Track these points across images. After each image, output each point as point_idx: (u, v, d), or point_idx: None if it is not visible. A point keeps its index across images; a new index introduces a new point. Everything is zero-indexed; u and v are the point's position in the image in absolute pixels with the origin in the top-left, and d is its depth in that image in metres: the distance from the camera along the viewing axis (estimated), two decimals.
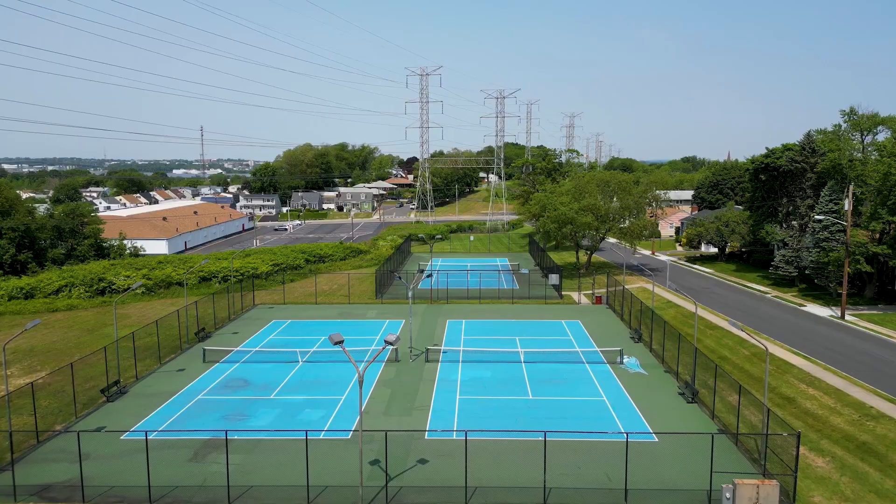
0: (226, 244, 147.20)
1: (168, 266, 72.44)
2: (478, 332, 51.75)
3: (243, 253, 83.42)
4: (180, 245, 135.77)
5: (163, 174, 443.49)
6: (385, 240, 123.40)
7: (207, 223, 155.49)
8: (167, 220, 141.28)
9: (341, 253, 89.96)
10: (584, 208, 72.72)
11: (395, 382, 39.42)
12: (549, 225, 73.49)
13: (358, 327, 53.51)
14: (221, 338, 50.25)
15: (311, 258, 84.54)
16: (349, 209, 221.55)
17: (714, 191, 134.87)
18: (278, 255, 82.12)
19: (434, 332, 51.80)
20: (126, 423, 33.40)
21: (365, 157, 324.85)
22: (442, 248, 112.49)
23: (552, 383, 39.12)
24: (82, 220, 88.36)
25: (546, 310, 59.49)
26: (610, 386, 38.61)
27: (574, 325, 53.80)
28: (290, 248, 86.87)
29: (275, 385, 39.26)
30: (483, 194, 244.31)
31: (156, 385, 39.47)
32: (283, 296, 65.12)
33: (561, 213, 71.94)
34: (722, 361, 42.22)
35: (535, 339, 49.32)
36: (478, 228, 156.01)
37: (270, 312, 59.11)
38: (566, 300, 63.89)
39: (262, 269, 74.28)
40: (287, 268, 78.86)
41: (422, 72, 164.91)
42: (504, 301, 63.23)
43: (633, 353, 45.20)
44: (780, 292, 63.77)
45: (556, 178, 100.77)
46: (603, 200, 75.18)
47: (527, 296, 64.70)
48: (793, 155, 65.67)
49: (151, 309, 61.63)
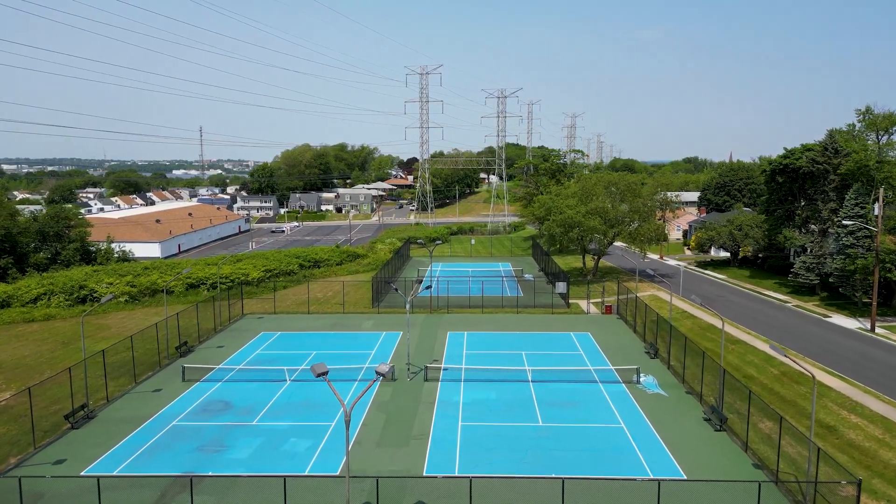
0: (221, 247, 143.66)
1: (154, 272, 68.82)
2: (481, 345, 48.14)
3: (234, 258, 79.84)
4: (174, 248, 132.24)
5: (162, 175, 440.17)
6: (384, 242, 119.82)
7: (202, 225, 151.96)
8: (161, 223, 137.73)
9: (337, 257, 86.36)
10: (592, 211, 69.14)
11: (391, 405, 35.84)
12: (555, 229, 69.89)
13: (352, 340, 49.90)
14: (205, 352, 46.63)
15: (306, 263, 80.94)
16: (348, 210, 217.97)
17: (721, 192, 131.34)
18: (271, 259, 78.52)
19: (434, 345, 48.21)
20: (89, 455, 29.83)
21: (364, 158, 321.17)
22: (442, 252, 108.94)
23: (564, 406, 35.53)
24: (67, 223, 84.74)
25: (553, 320, 55.88)
26: (628, 410, 35.01)
27: (584, 337, 50.20)
28: (284, 253, 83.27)
29: (259, 408, 35.66)
30: (484, 195, 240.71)
31: (128, 408, 35.88)
32: (274, 304, 61.52)
33: (567, 217, 68.34)
34: (748, 381, 38.62)
35: (543, 354, 45.71)
36: (479, 230, 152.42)
37: (259, 323, 55.50)
38: (574, 309, 60.30)
39: (253, 275, 70.68)
40: (280, 273, 75.24)
41: (422, 70, 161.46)
42: (508, 310, 59.63)
43: (650, 370, 41.61)
44: (801, 301, 60.17)
45: (560, 179, 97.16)
46: (611, 203, 71.58)
47: (532, 304, 61.09)
48: (814, 155, 62.01)
49: (133, 319, 58.04)
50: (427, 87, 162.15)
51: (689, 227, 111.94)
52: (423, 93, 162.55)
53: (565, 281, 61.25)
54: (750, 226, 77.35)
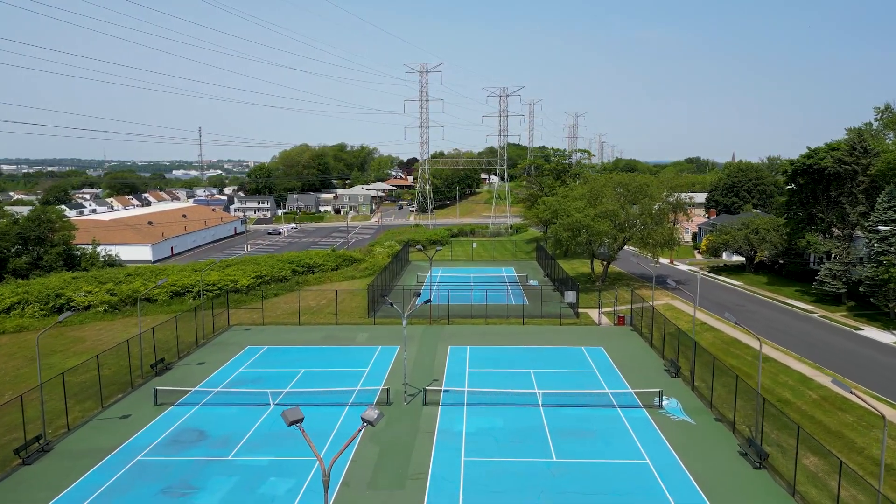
0: (216, 249, 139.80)
1: (137, 279, 64.82)
2: (484, 362, 44.19)
3: (223, 263, 75.81)
4: (166, 251, 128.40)
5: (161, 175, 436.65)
6: (382, 245, 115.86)
7: (197, 227, 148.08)
8: (153, 225, 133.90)
9: (333, 262, 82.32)
10: (601, 215, 65.17)
11: (385, 435, 31.92)
12: (562, 233, 65.91)
13: (344, 356, 45.94)
14: (183, 370, 42.68)
15: (300, 268, 76.92)
16: (346, 212, 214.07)
17: (730, 193, 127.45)
18: (262, 265, 74.47)
19: (433, 362, 44.26)
20: (38, 498, 25.97)
21: (364, 158, 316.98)
22: (442, 255, 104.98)
23: (580, 437, 31.59)
24: (50, 226, 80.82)
25: (562, 333, 51.92)
26: (652, 441, 31.06)
27: (596, 352, 46.25)
28: (277, 258, 79.22)
29: (236, 438, 31.73)
30: (485, 196, 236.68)
31: (90, 439, 31.95)
32: (263, 314, 57.55)
33: (575, 220, 64.37)
34: (784, 406, 34.68)
35: (553, 372, 41.76)
36: (480, 232, 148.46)
37: (246, 336, 51.52)
38: (584, 319, 56.33)
39: (242, 282, 66.69)
40: (271, 280, 71.25)
41: (422, 68, 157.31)
42: (514, 321, 55.68)
43: (673, 392, 37.67)
44: (827, 311, 56.20)
45: (565, 180, 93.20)
46: (621, 206, 67.60)
47: (539, 314, 57.13)
48: (840, 155, 57.99)
49: (112, 331, 54.12)
50: (427, 85, 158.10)
51: (698, 230, 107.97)
52: (423, 91, 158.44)
53: (575, 290, 57.24)
54: (767, 229, 73.39)
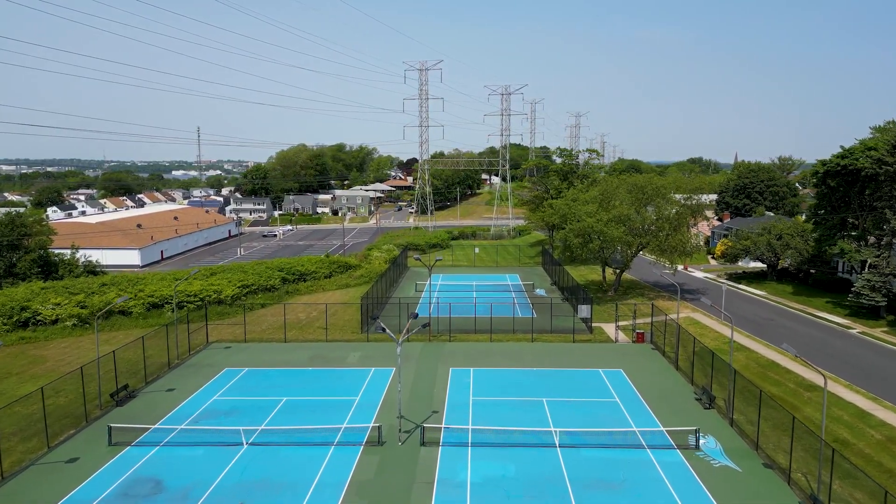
0: (208, 252, 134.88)
1: (111, 290, 59.76)
2: (491, 388, 39.16)
3: (208, 271, 70.66)
4: (155, 255, 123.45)
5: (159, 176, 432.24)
6: (380, 250, 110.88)
7: (189, 230, 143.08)
8: (142, 228, 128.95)
9: (326, 269, 77.20)
10: (615, 219, 60.13)
11: (375, 487, 26.88)
12: (572, 239, 60.86)
13: (333, 381, 40.93)
14: (150, 399, 37.64)
15: (290, 276, 71.82)
16: (344, 213, 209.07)
17: (741, 195, 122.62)
18: (250, 273, 69.33)
19: (433, 388, 39.25)
20: None
21: (363, 159, 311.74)
22: (444, 260, 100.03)
23: (607, 490, 26.55)
24: (24, 230, 75.79)
25: (576, 351, 46.89)
26: (693, 496, 26.02)
27: (616, 376, 41.23)
28: (265, 265, 74.06)
29: (198, 491, 26.68)
30: (485, 197, 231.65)
31: (26, 490, 26.92)
32: (245, 330, 52.48)
33: (587, 225, 59.34)
34: (843, 448, 29.67)
35: (570, 401, 36.73)
36: (481, 235, 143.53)
37: (225, 355, 46.47)
38: (598, 336, 51.32)
39: (227, 292, 61.61)
40: (258, 290, 66.15)
41: (421, 66, 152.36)
42: (521, 337, 50.65)
43: (709, 427, 32.62)
44: (865, 327, 51.18)
45: (572, 181, 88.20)
46: (636, 209, 62.56)
47: (548, 329, 52.10)
48: (880, 155, 53.00)
49: (78, 349, 49.09)
50: (426, 83, 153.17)
51: (711, 234, 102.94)
52: (423, 89, 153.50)
53: (588, 303, 52.13)
54: (791, 235, 68.40)
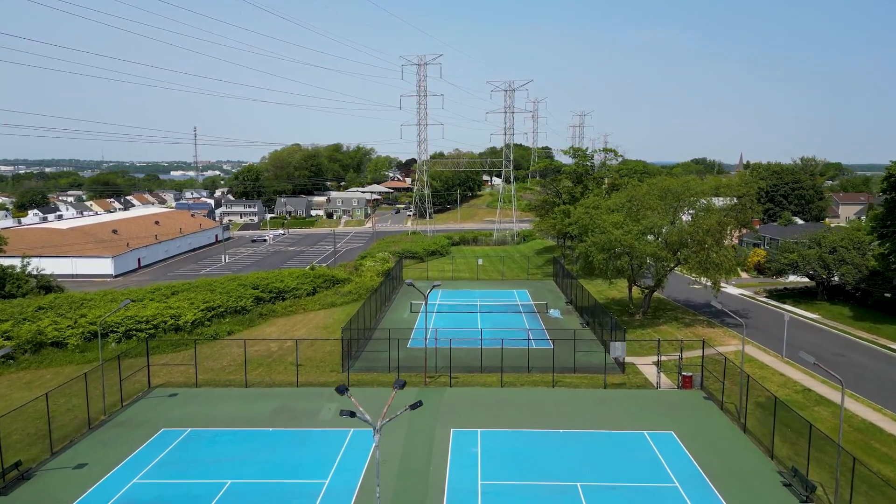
0: (191, 259, 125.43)
1: (47, 315, 50.13)
2: (505, 463, 29.54)
3: (169, 289, 60.91)
4: (131, 263, 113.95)
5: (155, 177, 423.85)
6: (374, 258, 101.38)
7: (171, 235, 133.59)
8: (117, 234, 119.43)
9: (308, 285, 67.43)
10: (647, 232, 50.58)
11: None
12: (596, 254, 51.17)
13: (297, 450, 31.27)
14: (47, 482, 28.04)
15: (265, 295, 62.08)
16: (339, 216, 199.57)
17: (764, 199, 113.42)
18: (218, 292, 59.50)
19: (429, 463, 29.65)
20: None
21: (360, 159, 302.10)
22: (442, 269, 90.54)
23: None
24: None
25: (610, 402, 37.29)
26: None
27: (667, 442, 31.64)
28: (238, 282, 64.22)
29: None
30: (487, 199, 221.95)
31: None
32: (202, 368, 42.89)
33: (614, 239, 49.75)
34: None
35: (614, 487, 27.12)
36: (483, 240, 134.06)
37: (167, 407, 36.87)
38: (633, 375, 41.74)
39: (187, 316, 51.98)
40: (227, 312, 56.48)
41: (419, 61, 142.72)
42: (539, 379, 41.05)
43: None
44: None
45: (587, 184, 78.65)
46: (672, 219, 53.05)
47: (571, 367, 42.50)
48: None
49: None
50: (425, 79, 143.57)
51: (739, 243, 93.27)
52: (421, 86, 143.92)
53: (621, 337, 42.39)
54: (846, 248, 58.88)
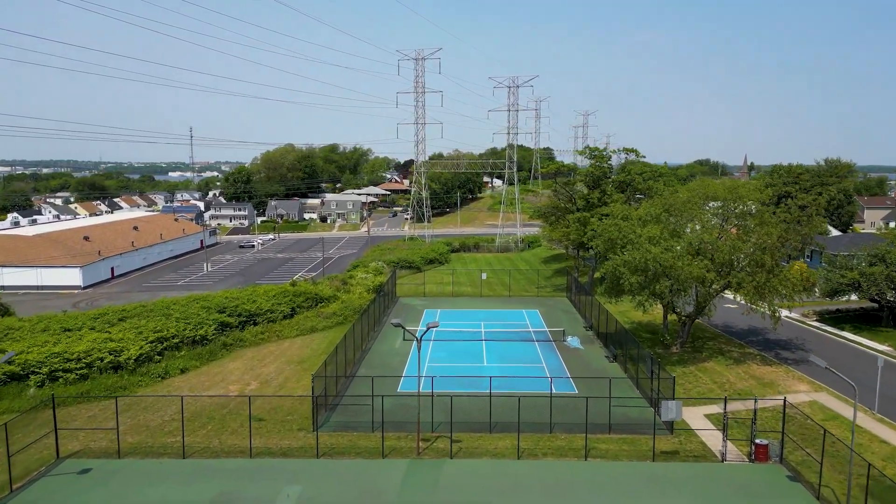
0: (170, 268, 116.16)
1: None
2: None
3: (117, 313, 51.36)
4: (103, 273, 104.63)
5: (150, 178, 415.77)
6: (366, 269, 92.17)
7: (151, 241, 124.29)
8: (89, 241, 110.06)
9: (286, 306, 57.92)
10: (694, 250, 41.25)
11: None
12: (629, 276, 41.75)
13: None
14: None
15: (234, 319, 52.48)
16: (333, 220, 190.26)
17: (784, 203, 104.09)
18: (175, 317, 49.72)
19: None
20: None
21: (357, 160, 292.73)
22: (441, 281, 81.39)
23: None
24: None
25: (665, 483, 27.98)
26: None
27: None
28: (201, 303, 54.48)
29: None
30: (488, 202, 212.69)
31: None
32: (135, 424, 33.56)
33: (653, 258, 40.36)
34: None
35: None
36: (485, 247, 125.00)
37: (74, 490, 27.54)
38: (686, 440, 32.43)
39: (130, 350, 42.59)
40: (182, 342, 47.04)
41: (417, 55, 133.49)
42: (566, 447, 31.74)
43: None
44: None
45: (605, 188, 69.46)
46: (719, 233, 43.77)
47: (606, 425, 33.16)
48: None
49: None
50: (423, 74, 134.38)
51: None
52: (419, 82, 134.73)
53: (669, 391, 32.94)
54: None
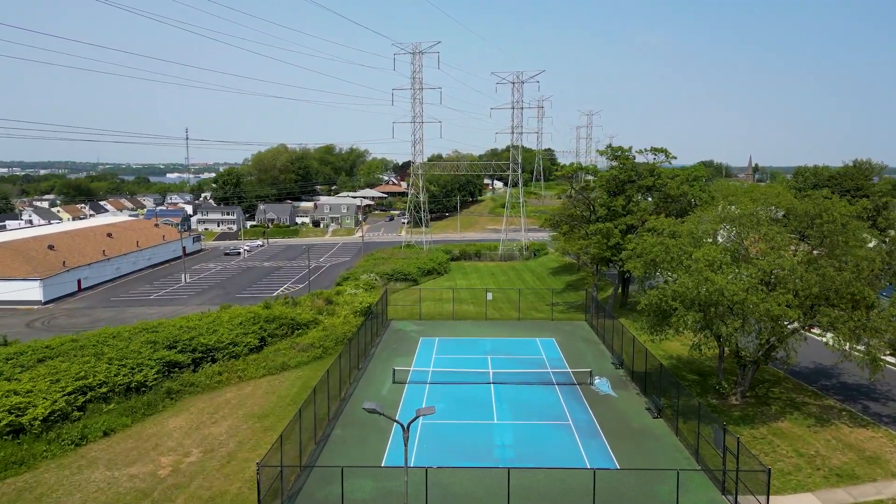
0: (145, 279, 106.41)
1: None
2: None
3: (36, 355, 40.87)
4: (68, 286, 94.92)
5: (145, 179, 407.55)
6: (357, 282, 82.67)
7: (126, 249, 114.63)
8: (55, 249, 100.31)
9: (255, 336, 47.93)
10: (772, 280, 31.59)
11: None
12: (683, 312, 32.08)
13: None
14: None
15: (186, 356, 42.45)
16: (327, 224, 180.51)
17: None
18: (108, 356, 40.05)
19: None
20: None
21: (353, 161, 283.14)
22: (440, 298, 71.74)
23: None
24: None
25: None
26: None
27: None
28: (147, 336, 44.06)
29: None
30: (489, 205, 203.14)
31: None
32: None
33: (718, 290, 30.70)
34: None
35: None
36: (487, 255, 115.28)
37: None
38: None
39: (38, 409, 32.71)
40: (112, 392, 37.13)
41: (414, 49, 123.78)
42: None
43: None
44: None
45: (630, 194, 59.86)
46: (796, 255, 34.16)
47: None
48: None
49: None
50: (420, 70, 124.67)
51: None
52: (416, 78, 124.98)
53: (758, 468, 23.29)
54: None
